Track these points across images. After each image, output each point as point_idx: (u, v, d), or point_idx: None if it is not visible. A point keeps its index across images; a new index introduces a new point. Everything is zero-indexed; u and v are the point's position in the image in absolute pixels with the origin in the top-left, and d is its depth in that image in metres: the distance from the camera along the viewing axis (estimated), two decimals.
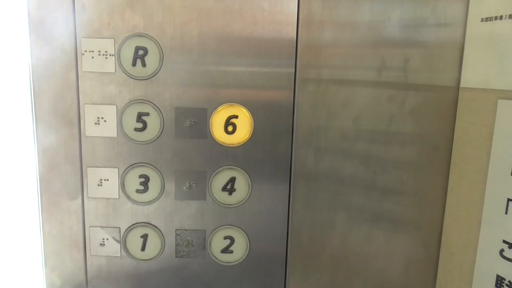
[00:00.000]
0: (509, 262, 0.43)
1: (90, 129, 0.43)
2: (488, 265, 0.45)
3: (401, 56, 0.46)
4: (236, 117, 0.43)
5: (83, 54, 0.42)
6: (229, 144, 0.44)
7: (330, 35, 0.43)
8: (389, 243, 0.50)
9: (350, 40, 0.44)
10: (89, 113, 0.43)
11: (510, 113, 0.42)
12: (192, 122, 0.43)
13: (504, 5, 0.42)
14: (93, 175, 0.44)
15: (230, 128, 0.43)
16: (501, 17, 0.43)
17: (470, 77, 0.47)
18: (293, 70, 0.42)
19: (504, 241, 0.43)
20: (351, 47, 0.44)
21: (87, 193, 0.45)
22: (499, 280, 0.44)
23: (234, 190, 0.45)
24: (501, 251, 0.43)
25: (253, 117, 0.43)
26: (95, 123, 0.43)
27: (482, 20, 0.45)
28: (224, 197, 0.45)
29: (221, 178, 0.44)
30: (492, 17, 0.44)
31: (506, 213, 0.43)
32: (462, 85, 0.48)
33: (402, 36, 0.46)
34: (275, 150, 0.44)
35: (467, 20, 0.47)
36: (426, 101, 0.48)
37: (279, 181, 0.45)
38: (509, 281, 0.43)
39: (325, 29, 0.43)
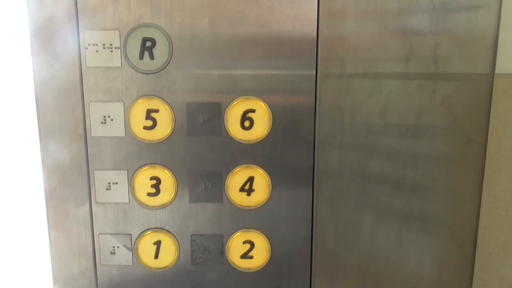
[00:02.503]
0: None
1: (96, 129, 0.40)
2: None
3: (431, 43, 0.42)
4: (253, 111, 0.40)
5: (87, 48, 0.39)
6: (246, 141, 0.40)
7: (353, 24, 0.40)
8: (420, 245, 0.47)
9: (375, 29, 0.41)
10: (95, 112, 0.40)
11: None
12: (206, 118, 0.40)
13: None
14: (100, 178, 0.41)
15: (247, 124, 0.40)
16: None
17: (507, 63, 0.44)
18: (315, 59, 0.39)
19: None
20: (376, 36, 0.41)
21: (95, 198, 0.42)
22: None
23: (253, 190, 0.41)
24: None
25: (271, 111, 0.40)
26: (102, 123, 0.40)
27: None
28: (242, 198, 0.42)
29: (239, 178, 0.41)
30: None
31: None
32: (497, 71, 0.44)
33: (432, 21, 0.42)
34: (296, 147, 0.41)
35: (501, 2, 0.43)
36: (458, 91, 0.44)
37: (301, 180, 0.41)
38: None
39: (348, 16, 0.40)
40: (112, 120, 0.40)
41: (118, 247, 0.43)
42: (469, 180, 0.47)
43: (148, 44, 0.39)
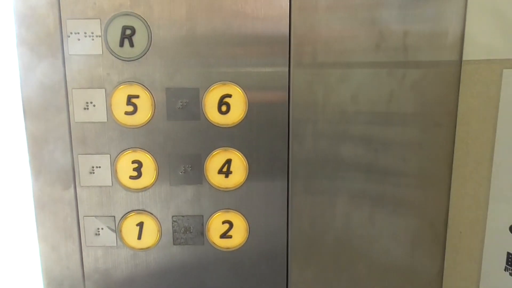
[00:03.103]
0: None
1: (79, 115, 0.42)
2: (498, 242, 0.44)
3: (400, 32, 0.44)
4: (229, 96, 0.42)
5: (69, 36, 0.40)
6: (223, 124, 0.42)
7: (324, 15, 0.42)
8: (393, 225, 0.49)
9: (345, 20, 0.43)
10: (78, 98, 0.42)
11: None
12: (184, 103, 0.41)
13: None
14: (84, 162, 0.43)
15: (223, 108, 0.42)
16: None
17: (473, 49, 0.46)
18: (287, 48, 0.41)
19: None
20: (346, 27, 0.43)
21: (79, 181, 0.43)
22: (510, 257, 0.43)
23: (231, 172, 0.43)
24: (511, 227, 0.42)
25: (247, 95, 0.42)
26: (84, 108, 0.42)
27: None
28: (220, 180, 0.43)
29: (217, 161, 0.43)
30: None
31: None
32: (464, 58, 0.46)
33: (400, 12, 0.44)
34: (271, 130, 0.42)
35: None
36: (427, 77, 0.46)
37: (277, 161, 0.43)
38: None
39: (318, 8, 0.41)
40: (94, 106, 0.42)
41: (102, 228, 0.44)
42: (439, 163, 0.49)
43: (128, 32, 0.40)
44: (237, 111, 0.42)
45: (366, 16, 0.43)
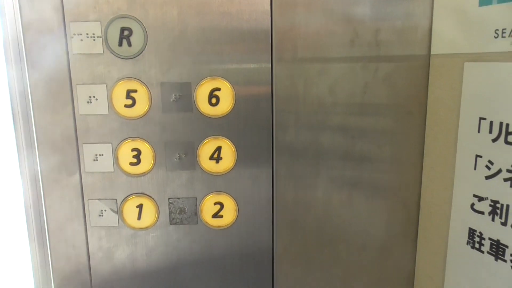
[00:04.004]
0: (479, 214, 0.46)
1: (83, 108, 0.46)
2: (462, 219, 0.48)
3: (372, 29, 0.49)
4: (218, 89, 0.46)
5: (72, 38, 0.44)
6: (213, 115, 0.47)
7: (302, 13, 0.46)
8: (370, 206, 0.54)
9: (322, 17, 0.47)
10: (82, 93, 0.46)
11: (474, 73, 0.45)
12: (178, 96, 0.46)
13: None
14: (88, 151, 0.47)
15: (213, 100, 0.46)
16: None
17: (440, 45, 0.50)
18: (270, 43, 0.45)
19: (474, 195, 0.46)
20: (323, 24, 0.47)
21: (84, 168, 0.48)
22: (471, 232, 0.47)
23: (221, 158, 0.48)
24: (472, 204, 0.47)
25: (234, 89, 0.46)
26: (88, 102, 0.46)
27: None
28: (211, 165, 0.48)
29: (208, 148, 0.47)
30: None
31: (475, 169, 0.46)
32: (432, 52, 0.51)
33: (372, 10, 0.48)
34: (257, 120, 0.47)
35: None
36: (398, 70, 0.50)
37: (262, 148, 0.48)
38: (480, 232, 0.46)
39: (297, 6, 0.46)
40: (97, 99, 0.46)
41: (105, 210, 0.49)
42: (411, 148, 0.53)
43: (126, 33, 0.45)
44: (226, 103, 0.46)
45: (341, 14, 0.48)
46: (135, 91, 0.46)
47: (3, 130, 0.49)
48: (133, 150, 0.47)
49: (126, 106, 0.46)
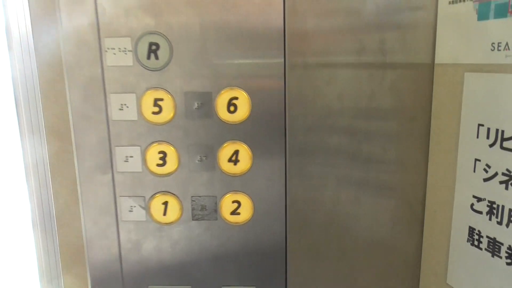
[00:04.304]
0: (478, 214, 0.49)
1: (115, 114, 0.51)
2: (462, 218, 0.52)
3: (378, 38, 0.52)
4: (236, 98, 0.50)
5: (106, 51, 0.50)
6: (231, 121, 0.51)
7: (313, 22, 0.50)
8: (376, 205, 0.57)
9: (331, 26, 0.51)
10: (114, 101, 0.51)
11: (474, 83, 0.48)
12: (199, 104, 0.51)
13: None
14: (120, 153, 0.52)
15: (232, 108, 0.51)
16: (464, 0, 0.48)
17: (443, 54, 0.53)
18: (283, 55, 0.49)
19: (474, 196, 0.50)
20: (332, 33, 0.51)
21: (116, 168, 0.53)
22: (471, 230, 0.51)
23: (238, 161, 0.52)
24: (472, 205, 0.50)
25: (251, 98, 0.50)
26: (119, 109, 0.51)
27: (450, 2, 0.51)
28: (230, 167, 0.52)
29: (227, 151, 0.52)
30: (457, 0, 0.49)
31: (474, 171, 0.49)
32: (436, 61, 0.54)
33: (379, 20, 0.52)
34: (271, 125, 0.51)
35: (437, 3, 0.53)
36: (404, 78, 0.54)
37: (276, 151, 0.52)
38: (478, 231, 0.50)
39: (308, 17, 0.50)
40: (127, 107, 0.51)
41: (134, 206, 0.54)
42: (416, 151, 0.57)
43: (154, 47, 0.49)
44: (243, 111, 0.51)
45: (349, 24, 0.51)
46: (162, 99, 0.51)
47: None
48: (159, 152, 0.52)
49: (153, 113, 0.51)
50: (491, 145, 0.46)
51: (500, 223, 0.46)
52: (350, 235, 0.57)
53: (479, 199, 0.49)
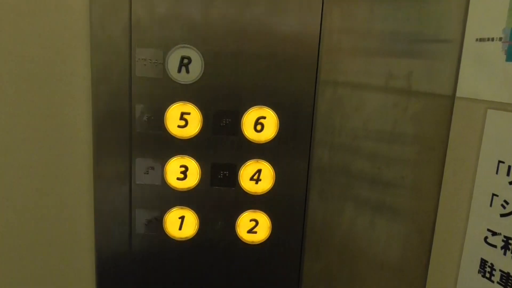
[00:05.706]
0: (492, 248, 0.50)
1: (139, 126, 0.50)
2: (474, 250, 0.53)
3: (406, 66, 0.53)
4: (264, 118, 0.50)
5: (137, 61, 0.49)
6: (257, 141, 0.51)
7: (347, 43, 0.51)
8: (389, 230, 0.58)
9: (364, 48, 0.52)
10: (139, 112, 0.50)
11: (497, 121, 0.50)
12: (227, 121, 0.50)
13: (495, 29, 0.49)
14: (141, 164, 0.51)
15: (258, 127, 0.50)
16: (492, 39, 0.50)
17: (465, 88, 0.54)
18: (314, 77, 0.50)
19: (488, 230, 0.51)
20: (364, 55, 0.52)
21: (135, 179, 0.52)
22: (483, 262, 0.52)
23: (260, 180, 0.52)
24: (485, 238, 0.51)
25: (279, 118, 0.51)
26: (144, 121, 0.50)
27: (477, 40, 0.52)
28: (251, 185, 0.52)
29: (249, 170, 0.52)
30: (485, 38, 0.51)
31: (491, 206, 0.50)
32: (457, 94, 0.55)
33: (408, 47, 0.53)
34: (296, 147, 0.51)
35: (464, 39, 0.54)
36: (425, 108, 0.55)
37: (298, 173, 0.52)
38: (491, 263, 0.51)
39: (343, 37, 0.50)
40: (152, 119, 0.50)
41: (150, 219, 0.53)
42: (431, 180, 0.58)
43: (185, 61, 0.49)
44: (270, 130, 0.51)
45: (381, 47, 0.52)
46: (188, 113, 0.50)
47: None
48: (181, 166, 0.51)
49: (179, 126, 0.50)
50: (511, 183, 0.48)
51: None
52: (363, 259, 0.58)
53: (494, 233, 0.50)
